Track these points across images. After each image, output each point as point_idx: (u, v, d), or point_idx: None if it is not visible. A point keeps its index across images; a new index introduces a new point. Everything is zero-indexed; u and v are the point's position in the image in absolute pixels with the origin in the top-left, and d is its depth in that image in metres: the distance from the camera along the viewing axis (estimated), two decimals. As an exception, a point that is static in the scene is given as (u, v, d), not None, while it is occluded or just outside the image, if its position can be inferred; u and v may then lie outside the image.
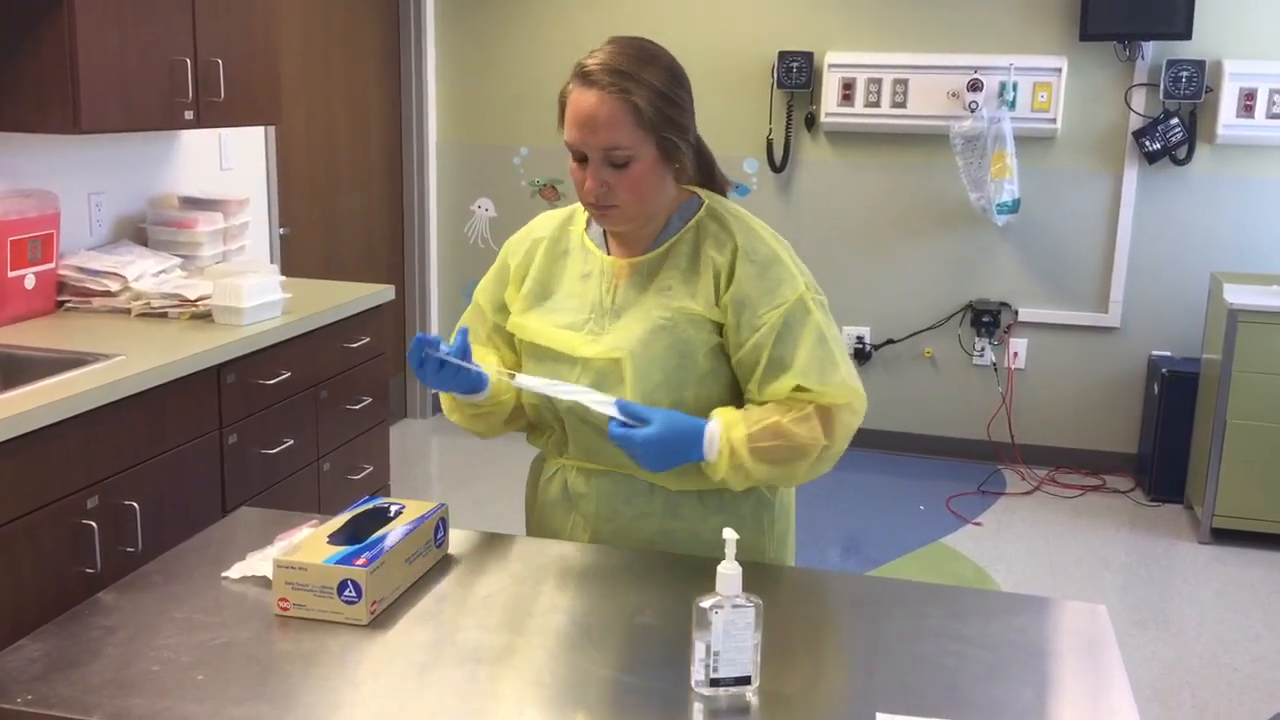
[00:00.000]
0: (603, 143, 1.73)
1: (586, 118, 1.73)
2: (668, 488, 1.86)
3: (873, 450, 5.40)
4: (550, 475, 1.96)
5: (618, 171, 1.75)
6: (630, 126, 1.72)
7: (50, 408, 2.33)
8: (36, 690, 1.37)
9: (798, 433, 1.75)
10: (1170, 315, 5.05)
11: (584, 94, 1.73)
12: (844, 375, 1.80)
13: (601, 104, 1.72)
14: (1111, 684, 1.48)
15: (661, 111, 1.74)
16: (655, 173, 1.77)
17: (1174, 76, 4.76)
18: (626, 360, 1.79)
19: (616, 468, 1.86)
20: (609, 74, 1.72)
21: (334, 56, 4.88)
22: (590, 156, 1.75)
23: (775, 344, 1.77)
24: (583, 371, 1.83)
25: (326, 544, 1.61)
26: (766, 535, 1.93)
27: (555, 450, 1.94)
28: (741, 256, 1.80)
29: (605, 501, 1.88)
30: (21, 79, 2.86)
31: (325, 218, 4.88)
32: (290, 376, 3.15)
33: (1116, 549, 4.40)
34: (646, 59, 1.76)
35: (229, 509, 2.87)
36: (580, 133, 1.74)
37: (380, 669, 1.46)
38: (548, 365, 1.86)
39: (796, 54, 5.11)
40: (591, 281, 1.88)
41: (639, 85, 1.72)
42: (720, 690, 1.39)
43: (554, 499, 1.95)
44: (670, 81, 1.77)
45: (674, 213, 1.86)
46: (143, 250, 3.42)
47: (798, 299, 1.80)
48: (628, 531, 1.88)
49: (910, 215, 5.23)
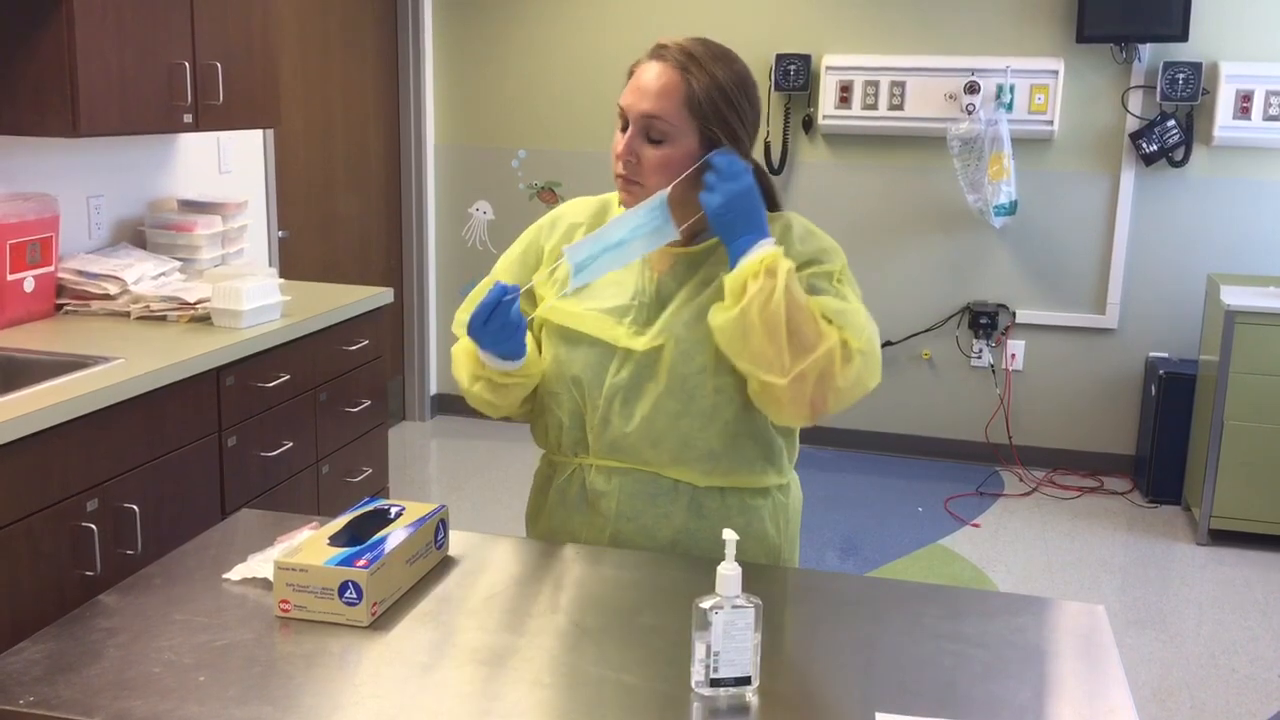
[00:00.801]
0: (647, 108, 1.74)
1: (642, 83, 1.77)
2: (695, 484, 1.84)
3: (871, 452, 5.41)
4: (567, 476, 1.92)
5: (650, 146, 1.75)
6: (678, 103, 1.74)
7: (49, 411, 2.33)
8: (38, 692, 1.37)
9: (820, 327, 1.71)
10: (1167, 317, 5.06)
11: (650, 65, 1.78)
12: (860, 319, 1.77)
13: (660, 75, 1.75)
14: (1110, 684, 1.49)
15: (715, 104, 1.75)
16: (688, 162, 1.75)
17: (1170, 78, 4.77)
18: (670, 344, 1.78)
19: (640, 466, 1.84)
20: (679, 53, 1.76)
21: (332, 60, 4.89)
22: (631, 123, 1.77)
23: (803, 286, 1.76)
24: (624, 361, 1.81)
25: (327, 545, 1.62)
26: (782, 536, 1.94)
27: (571, 450, 1.90)
28: (791, 233, 1.83)
29: (628, 501, 1.86)
30: (20, 82, 2.87)
31: (323, 221, 4.88)
32: (289, 379, 3.16)
33: (1114, 550, 4.41)
34: (720, 56, 1.79)
35: (228, 511, 2.88)
36: (631, 95, 1.78)
37: (381, 670, 1.46)
38: (582, 350, 1.84)
39: (794, 56, 5.12)
40: (632, 268, 1.86)
41: (702, 71, 1.75)
42: (720, 691, 1.40)
43: (572, 500, 1.91)
44: (735, 83, 1.78)
45: None
46: (142, 253, 3.42)
47: (831, 270, 1.82)
48: (650, 532, 1.86)
49: (908, 217, 5.24)
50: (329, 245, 4.93)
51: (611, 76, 5.45)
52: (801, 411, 1.77)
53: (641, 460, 1.84)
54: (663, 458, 1.83)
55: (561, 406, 1.88)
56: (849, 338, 1.75)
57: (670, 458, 1.83)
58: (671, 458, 1.83)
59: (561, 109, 5.51)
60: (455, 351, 1.94)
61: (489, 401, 1.91)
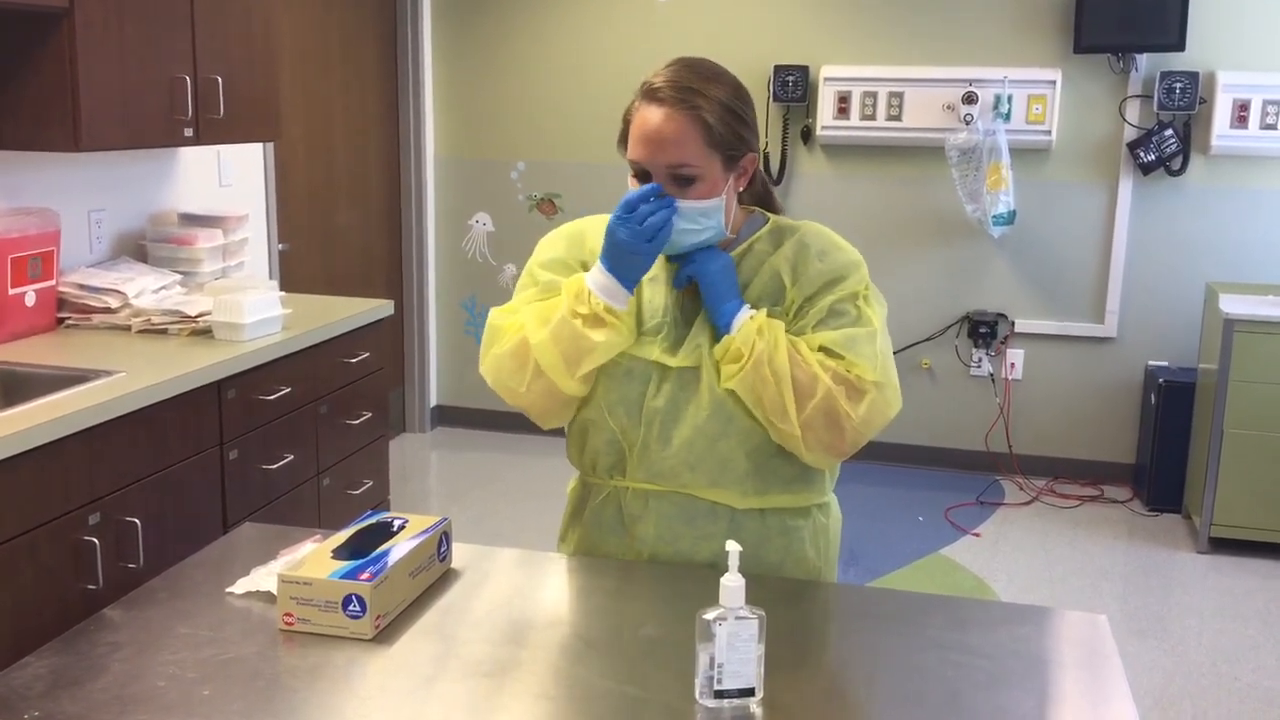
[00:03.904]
0: (670, 159, 1.71)
1: (654, 134, 1.70)
2: (733, 506, 1.82)
3: (871, 462, 5.41)
4: (603, 498, 1.89)
5: (683, 189, 1.73)
6: (699, 144, 1.71)
7: (51, 425, 2.33)
8: (42, 707, 1.37)
9: (820, 376, 1.72)
10: (1166, 325, 5.06)
11: (651, 110, 1.72)
12: (879, 357, 1.76)
13: (669, 120, 1.70)
14: (1113, 694, 1.49)
15: (731, 128, 1.73)
16: (719, 190, 1.75)
17: (1168, 88, 4.79)
18: (707, 367, 1.78)
19: (679, 489, 1.81)
20: (677, 90, 1.71)
21: (332, 73, 4.90)
22: (655, 174, 1.73)
23: (818, 325, 1.78)
24: (661, 381, 1.80)
25: (330, 559, 1.62)
26: (822, 558, 1.93)
27: (607, 473, 1.87)
28: (811, 259, 1.82)
29: (666, 524, 1.83)
30: (21, 97, 2.88)
31: (324, 233, 4.89)
32: (290, 392, 3.16)
33: (1115, 559, 4.41)
34: (712, 76, 1.76)
35: (230, 524, 2.88)
36: (647, 150, 1.72)
37: (385, 683, 1.46)
38: (620, 374, 1.80)
39: (792, 68, 5.13)
40: (659, 285, 1.85)
41: (708, 101, 1.71)
42: (724, 702, 1.40)
43: (608, 523, 1.88)
44: (736, 97, 1.76)
45: (743, 224, 1.86)
46: (143, 267, 3.43)
47: (856, 293, 1.81)
48: (689, 555, 1.83)
49: (907, 227, 5.25)
50: (329, 258, 4.94)
51: (610, 88, 5.47)
52: (821, 456, 1.78)
53: (679, 483, 1.81)
54: (701, 480, 1.81)
55: (599, 431, 1.85)
56: (862, 371, 1.74)
57: (708, 480, 1.81)
58: (710, 480, 1.81)
59: (560, 121, 5.52)
60: (500, 355, 1.82)
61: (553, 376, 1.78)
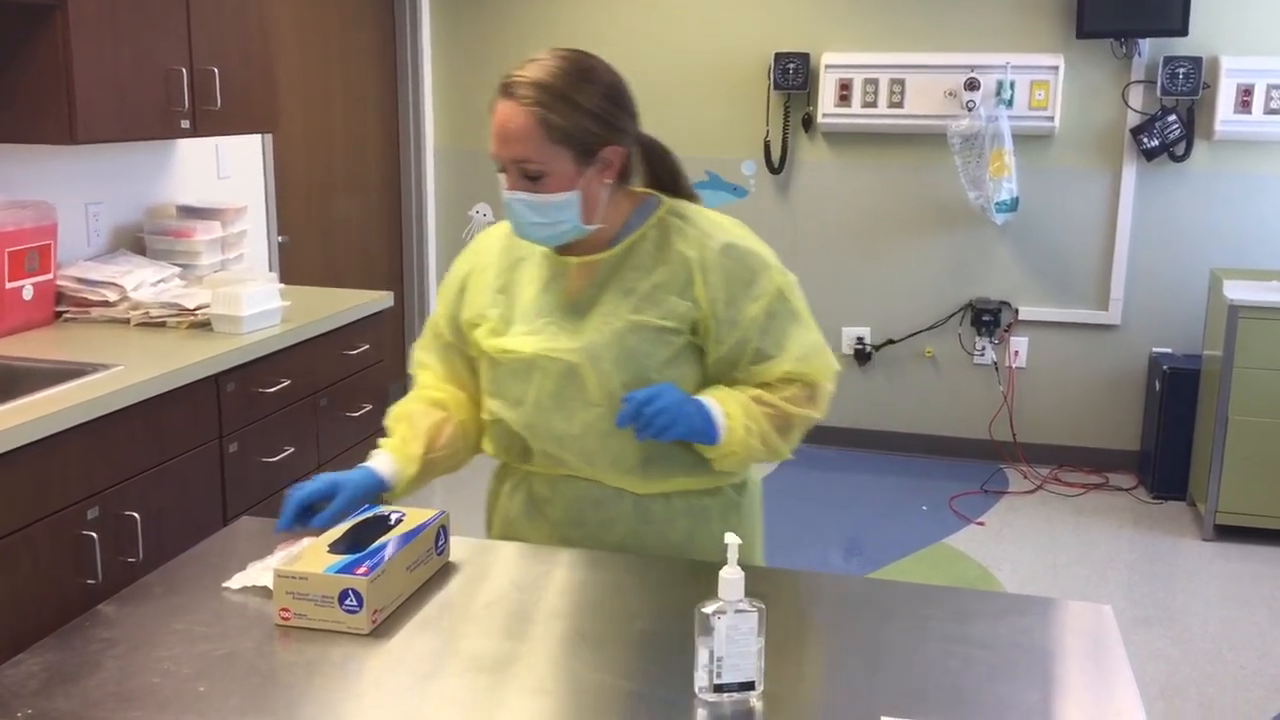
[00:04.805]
0: (514, 155, 1.74)
1: (500, 129, 1.75)
2: (635, 492, 1.86)
3: (875, 451, 5.40)
4: (514, 485, 1.95)
5: (533, 183, 1.74)
6: (541, 140, 1.72)
7: (49, 419, 2.32)
8: (36, 705, 1.36)
9: (792, 410, 1.84)
10: (1171, 312, 5.04)
11: (501, 105, 1.75)
12: (827, 355, 1.88)
13: (513, 116, 1.72)
14: (1118, 684, 1.48)
15: (580, 127, 1.73)
16: (572, 185, 1.75)
17: (1171, 73, 4.76)
18: (587, 366, 1.80)
19: (582, 472, 1.86)
20: (529, 87, 1.72)
21: (330, 63, 4.88)
22: (507, 169, 1.76)
23: (760, 336, 1.82)
24: (542, 377, 1.83)
25: (327, 553, 1.61)
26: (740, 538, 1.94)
27: (518, 459, 1.92)
28: (716, 252, 1.81)
29: (573, 507, 1.88)
30: (16, 90, 2.86)
31: (323, 225, 4.87)
32: (290, 384, 3.15)
33: (1120, 547, 4.39)
34: (576, 73, 1.75)
35: (230, 517, 2.87)
36: (495, 144, 1.76)
37: (382, 678, 1.45)
38: (507, 368, 1.86)
39: (793, 55, 5.10)
40: (555, 285, 1.87)
41: (558, 100, 1.72)
42: (724, 696, 1.39)
43: (519, 508, 1.94)
44: (598, 96, 1.75)
45: (631, 213, 1.86)
46: (141, 260, 3.41)
47: (776, 289, 1.83)
48: (597, 537, 1.88)
49: (909, 215, 5.23)
50: (329, 250, 4.92)
51: (610, 77, 5.45)
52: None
53: (580, 471, 1.86)
54: (599, 470, 1.85)
55: (503, 424, 1.90)
56: (817, 376, 1.87)
57: (606, 469, 1.85)
58: (607, 469, 1.85)
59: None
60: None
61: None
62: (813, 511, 4.70)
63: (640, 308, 1.81)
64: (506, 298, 1.90)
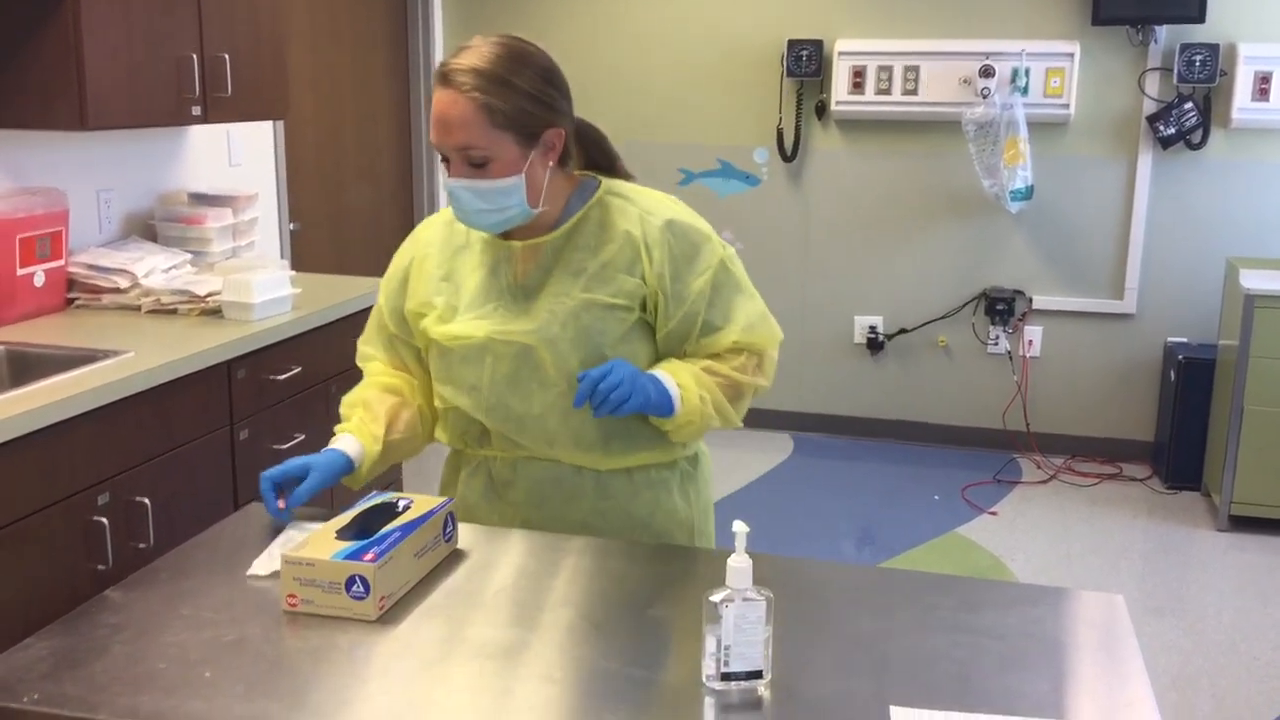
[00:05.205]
0: (457, 142, 1.73)
1: (440, 118, 1.74)
2: (597, 469, 1.88)
3: (887, 440, 5.38)
4: (473, 467, 1.95)
5: (478, 170, 1.74)
6: (483, 126, 1.72)
7: (60, 405, 2.33)
8: (43, 689, 1.36)
9: (741, 378, 1.87)
10: (1186, 301, 5.01)
11: (439, 94, 1.74)
12: (771, 323, 1.93)
13: (453, 104, 1.72)
14: (1129, 675, 1.46)
15: (520, 110, 1.73)
16: (517, 169, 1.75)
17: (1188, 60, 4.72)
18: (543, 347, 1.81)
19: (542, 453, 1.87)
20: (466, 74, 1.72)
21: (342, 50, 4.87)
22: (450, 157, 1.75)
23: (708, 309, 1.85)
24: (496, 361, 1.83)
25: (335, 539, 1.60)
26: (693, 507, 1.98)
27: (476, 444, 1.93)
28: (659, 228, 1.84)
29: (534, 488, 1.90)
30: (27, 76, 2.86)
31: (335, 213, 4.87)
32: (300, 371, 3.15)
33: (1134, 537, 4.37)
34: (511, 58, 1.75)
35: (241, 504, 2.87)
36: (436, 133, 1.75)
37: (389, 665, 1.45)
38: (458, 355, 1.86)
39: (806, 42, 5.07)
40: (500, 270, 1.88)
41: (496, 85, 1.72)
42: (731, 684, 1.38)
43: (479, 493, 1.94)
44: (535, 79, 1.76)
45: (571, 195, 1.87)
46: (152, 246, 3.42)
47: (719, 261, 1.86)
48: (560, 516, 1.89)
49: (923, 203, 5.20)
50: (340, 237, 4.92)
51: (625, 64, 5.43)
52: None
53: (541, 452, 1.87)
54: (560, 450, 1.87)
55: (457, 412, 1.91)
56: (764, 344, 1.91)
57: (568, 448, 1.86)
58: (569, 448, 1.86)
59: (574, 98, 5.47)
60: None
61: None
62: (824, 500, 4.69)
63: (590, 286, 1.82)
64: (451, 285, 1.90)
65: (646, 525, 1.91)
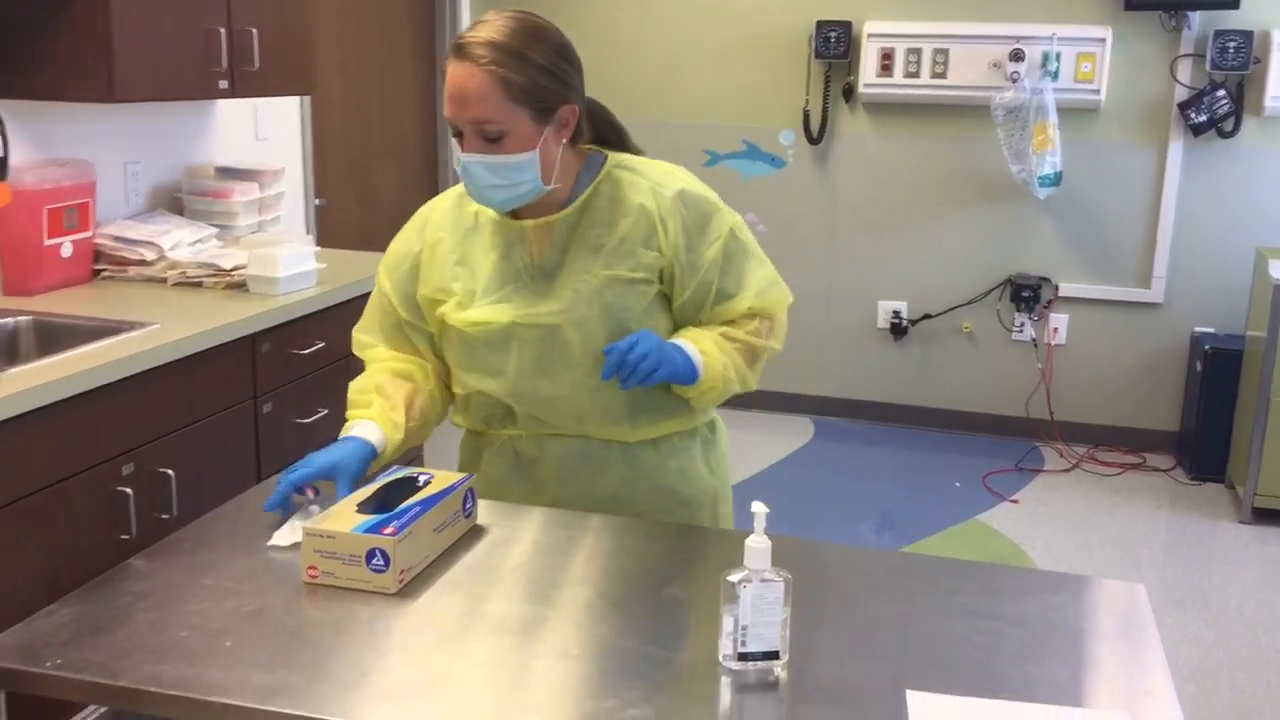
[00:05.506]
0: (473, 116, 1.72)
1: (457, 91, 1.72)
2: (625, 441, 1.89)
3: (908, 426, 5.36)
4: (496, 449, 1.94)
5: (492, 145, 1.73)
6: (500, 100, 1.70)
7: (87, 375, 2.34)
8: (65, 655, 1.38)
9: (756, 342, 1.90)
10: (1214, 291, 4.96)
11: (455, 67, 1.72)
12: (782, 287, 1.95)
13: (471, 77, 1.70)
14: (1150, 665, 1.46)
15: (538, 83, 1.72)
16: (531, 145, 1.74)
17: (1221, 47, 4.66)
18: (570, 328, 1.81)
19: (571, 429, 1.87)
20: (483, 47, 1.70)
21: (369, 26, 4.86)
22: (465, 131, 1.74)
23: (721, 277, 1.87)
24: (521, 345, 1.82)
25: (355, 512, 1.61)
26: (715, 473, 2.00)
27: (499, 425, 1.92)
28: (671, 199, 1.84)
29: (562, 464, 1.90)
30: (56, 48, 2.87)
31: (360, 189, 4.88)
32: (324, 346, 3.16)
33: (1156, 528, 4.34)
34: (527, 32, 1.74)
35: (263, 477, 2.89)
36: (452, 107, 1.73)
37: (408, 638, 1.46)
38: (482, 343, 1.84)
39: (835, 24, 5.04)
40: (514, 250, 1.86)
41: (513, 58, 1.70)
42: (748, 665, 1.38)
43: (504, 471, 1.94)
44: (550, 54, 1.75)
45: (580, 171, 1.86)
46: (179, 220, 3.43)
47: (729, 229, 1.87)
48: (589, 489, 1.90)
49: (950, 188, 5.17)
50: (365, 213, 4.93)
51: (652, 44, 5.40)
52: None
53: (570, 429, 1.88)
54: (589, 425, 1.87)
55: (479, 398, 1.90)
56: (778, 311, 1.94)
57: (596, 423, 1.87)
58: (598, 423, 1.87)
59: (599, 77, 5.42)
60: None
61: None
62: (845, 485, 4.68)
63: (611, 263, 1.82)
64: (466, 269, 1.88)
65: (673, 493, 1.92)
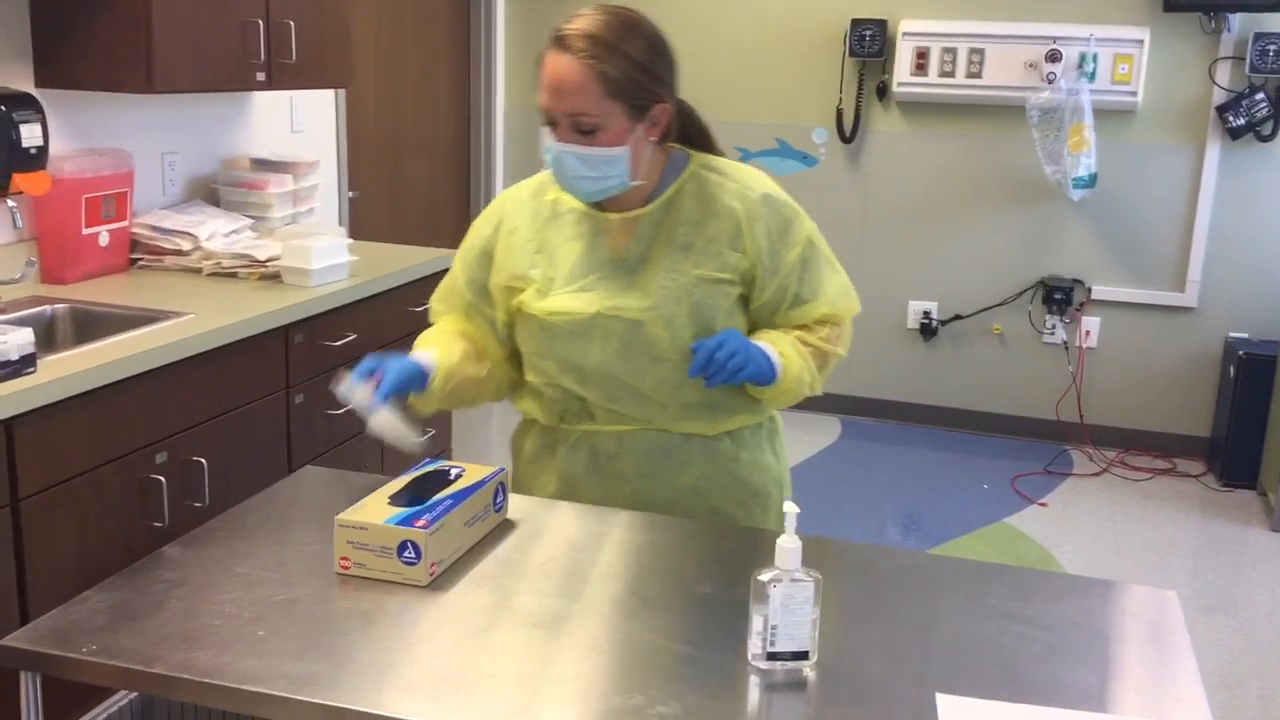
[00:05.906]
0: (569, 108, 1.73)
1: (555, 82, 1.73)
2: (704, 434, 1.90)
3: (937, 427, 5.34)
4: (572, 445, 1.94)
5: (585, 137, 1.74)
6: (598, 94, 1.72)
7: (122, 363, 2.37)
8: (101, 640, 1.39)
9: (827, 348, 1.92)
10: (1249, 296, 4.91)
11: (555, 58, 1.73)
12: (854, 296, 1.98)
13: (570, 70, 1.72)
14: (1179, 672, 1.45)
15: (634, 80, 1.73)
16: (623, 140, 1.75)
17: (1261, 50, 4.61)
18: (658, 324, 1.81)
19: (652, 424, 1.88)
20: (583, 40, 1.72)
21: (405, 21, 4.89)
22: (559, 123, 1.75)
23: (798, 282, 1.89)
24: (605, 337, 1.83)
25: (388, 504, 1.62)
26: (781, 461, 2.04)
27: (575, 419, 1.92)
28: (757, 202, 1.85)
29: (643, 458, 1.90)
30: (96, 39, 2.90)
31: (393, 182, 4.90)
32: (356, 338, 3.18)
33: (1186, 533, 4.31)
34: (625, 27, 1.75)
35: (294, 467, 2.91)
36: (548, 97, 1.75)
37: (437, 630, 1.47)
38: (564, 334, 1.85)
39: (870, 22, 5.02)
40: (600, 241, 1.87)
41: (611, 53, 1.72)
42: (777, 664, 1.38)
43: (582, 467, 1.93)
44: (647, 50, 1.76)
45: (664, 169, 1.87)
46: (214, 210, 3.46)
47: (807, 236, 1.89)
48: (669, 483, 1.91)
49: (983, 189, 5.14)
50: (398, 207, 4.95)
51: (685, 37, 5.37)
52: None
53: (650, 423, 1.89)
54: (670, 419, 1.88)
55: (555, 390, 1.91)
56: (847, 319, 1.97)
57: (676, 419, 1.88)
58: (678, 418, 1.88)
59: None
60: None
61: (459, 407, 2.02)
62: (874, 485, 4.67)
63: (700, 262, 1.83)
64: (545, 256, 1.89)
65: (746, 483, 1.95)
